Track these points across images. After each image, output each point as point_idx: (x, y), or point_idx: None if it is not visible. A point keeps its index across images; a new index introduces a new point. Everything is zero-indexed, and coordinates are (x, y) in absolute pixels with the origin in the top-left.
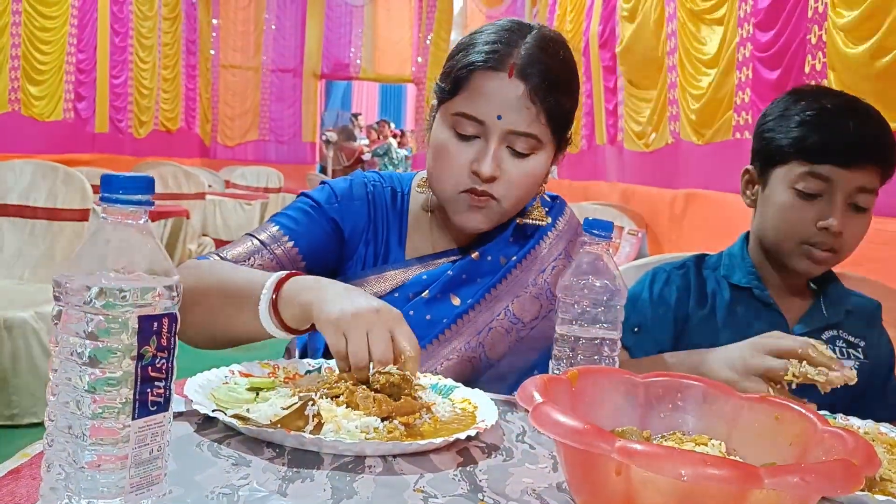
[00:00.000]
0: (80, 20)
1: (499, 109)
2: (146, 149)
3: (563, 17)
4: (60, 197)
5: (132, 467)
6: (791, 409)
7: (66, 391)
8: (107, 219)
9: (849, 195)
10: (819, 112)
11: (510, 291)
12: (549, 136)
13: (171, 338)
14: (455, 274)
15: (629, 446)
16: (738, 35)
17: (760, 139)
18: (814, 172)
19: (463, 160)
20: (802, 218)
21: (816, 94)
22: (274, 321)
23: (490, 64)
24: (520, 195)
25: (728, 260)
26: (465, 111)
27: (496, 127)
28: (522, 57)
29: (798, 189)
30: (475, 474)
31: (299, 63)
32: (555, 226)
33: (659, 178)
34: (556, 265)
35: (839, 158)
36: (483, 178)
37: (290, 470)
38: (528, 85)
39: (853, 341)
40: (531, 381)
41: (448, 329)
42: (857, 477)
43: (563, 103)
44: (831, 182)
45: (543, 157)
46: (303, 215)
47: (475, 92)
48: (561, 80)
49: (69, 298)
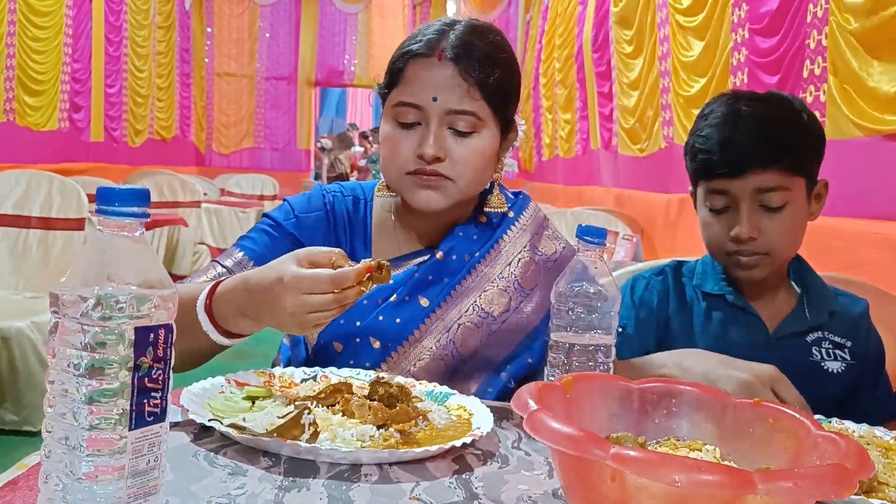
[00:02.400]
0: (74, 29)
1: (433, 91)
2: (141, 157)
3: (555, 23)
4: (55, 206)
5: (129, 478)
6: (785, 414)
7: (63, 402)
8: (103, 231)
9: (751, 199)
10: (704, 127)
11: (477, 286)
12: (489, 113)
13: (167, 349)
14: (421, 276)
15: (623, 453)
16: (731, 40)
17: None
18: (712, 189)
19: (407, 147)
20: (718, 232)
21: (714, 106)
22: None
23: (421, 51)
24: (471, 173)
25: (701, 268)
26: (403, 99)
27: (433, 109)
28: (451, 41)
29: (708, 206)
30: (471, 481)
31: (294, 71)
32: (518, 219)
33: (653, 183)
34: (522, 257)
35: (724, 170)
36: (427, 158)
37: (287, 479)
38: (459, 64)
39: (839, 342)
40: (526, 389)
41: (417, 329)
42: (851, 481)
43: (495, 78)
44: (729, 193)
45: (488, 136)
46: (264, 236)
47: (410, 80)
48: (491, 56)
49: (66, 310)
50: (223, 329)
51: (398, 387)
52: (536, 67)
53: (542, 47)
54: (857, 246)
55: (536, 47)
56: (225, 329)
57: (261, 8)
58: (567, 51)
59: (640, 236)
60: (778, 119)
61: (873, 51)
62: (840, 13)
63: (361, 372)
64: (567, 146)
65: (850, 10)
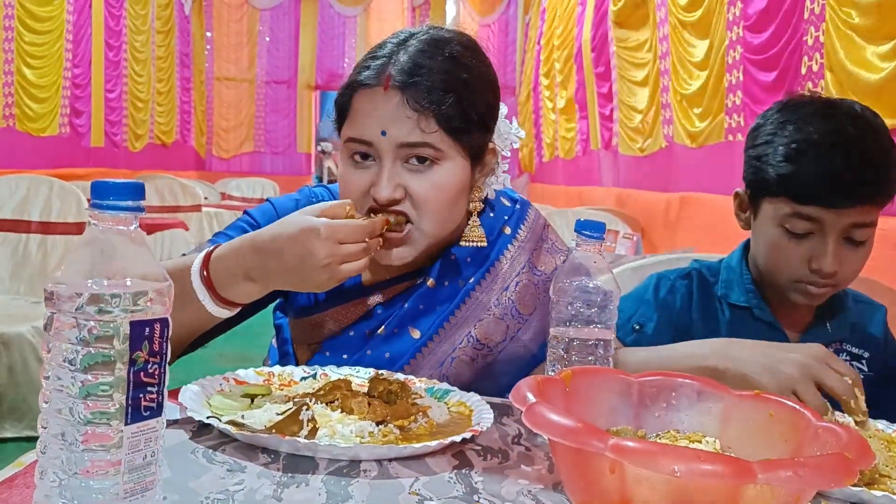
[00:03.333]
0: (74, 35)
1: (381, 125)
2: (142, 162)
3: (553, 24)
4: (55, 211)
5: (125, 473)
6: (785, 406)
7: (59, 398)
8: (97, 225)
9: (842, 232)
10: (805, 144)
11: (472, 316)
12: (450, 143)
13: (163, 343)
14: (411, 305)
15: (622, 444)
16: (727, 38)
17: (749, 164)
18: (801, 214)
19: (361, 187)
20: (793, 257)
21: (807, 115)
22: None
23: (366, 82)
24: (435, 213)
25: (726, 274)
26: (352, 135)
27: (384, 144)
28: (400, 65)
29: (786, 228)
30: (471, 476)
31: (293, 74)
32: (516, 236)
33: (653, 182)
34: (520, 280)
35: (827, 200)
36: (381, 202)
37: (286, 475)
38: (406, 93)
39: (857, 353)
40: (525, 382)
41: (407, 364)
42: (851, 470)
43: (451, 104)
44: (821, 222)
45: (451, 168)
46: (240, 234)
47: (357, 113)
48: (445, 79)
49: (61, 305)
50: (219, 296)
51: (398, 383)
52: (536, 68)
53: (541, 48)
54: None
55: (536, 48)
56: (221, 297)
57: (260, 12)
58: (566, 51)
59: (640, 235)
60: (883, 151)
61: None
62: (839, 9)
63: (361, 370)
64: (567, 147)
65: (848, 4)
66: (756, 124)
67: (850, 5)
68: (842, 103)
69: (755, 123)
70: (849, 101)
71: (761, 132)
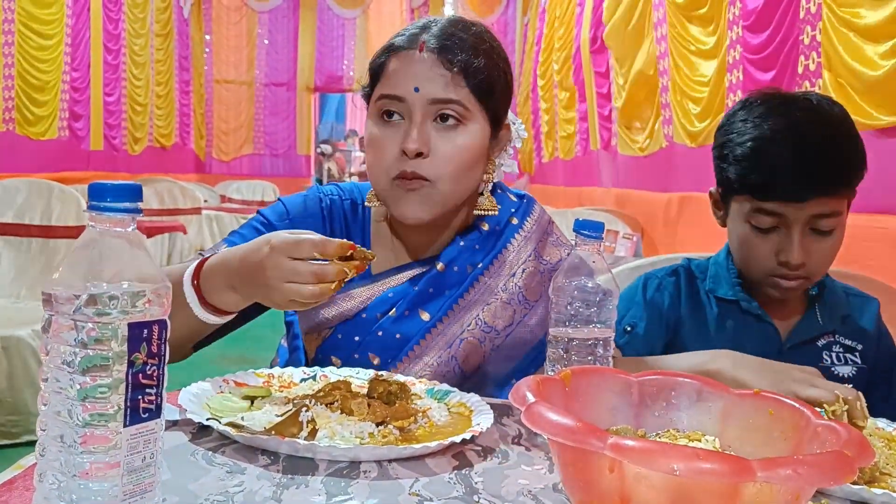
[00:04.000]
0: (73, 39)
1: (415, 81)
2: (141, 165)
3: (553, 25)
4: (55, 214)
5: (125, 475)
6: (785, 404)
7: (58, 400)
8: (95, 227)
9: (806, 224)
10: (759, 140)
11: (480, 300)
12: (475, 104)
13: (161, 344)
14: (421, 289)
15: (621, 443)
16: (727, 38)
17: (715, 163)
18: (762, 209)
19: (391, 144)
20: (761, 251)
21: (763, 112)
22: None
23: (402, 45)
24: (454, 173)
25: (714, 269)
26: (385, 92)
27: (416, 100)
28: (433, 33)
29: (752, 223)
30: (471, 477)
31: (292, 77)
32: (522, 227)
33: (653, 182)
34: (526, 267)
35: (785, 194)
36: (409, 153)
37: (285, 476)
38: (440, 54)
39: (850, 345)
40: (524, 382)
41: (417, 345)
42: (851, 468)
43: (479, 67)
44: (783, 216)
45: (475, 130)
46: (254, 233)
47: (392, 73)
48: (474, 46)
49: (59, 307)
50: (208, 304)
51: (397, 384)
52: (535, 69)
53: (540, 49)
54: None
55: (535, 49)
56: (210, 304)
57: (259, 15)
58: (565, 52)
59: (640, 235)
60: (843, 141)
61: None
62: (835, 8)
63: (361, 371)
64: (567, 147)
65: (845, 4)
66: (720, 123)
67: (847, 4)
68: (798, 97)
69: (720, 122)
70: (807, 94)
71: (722, 131)
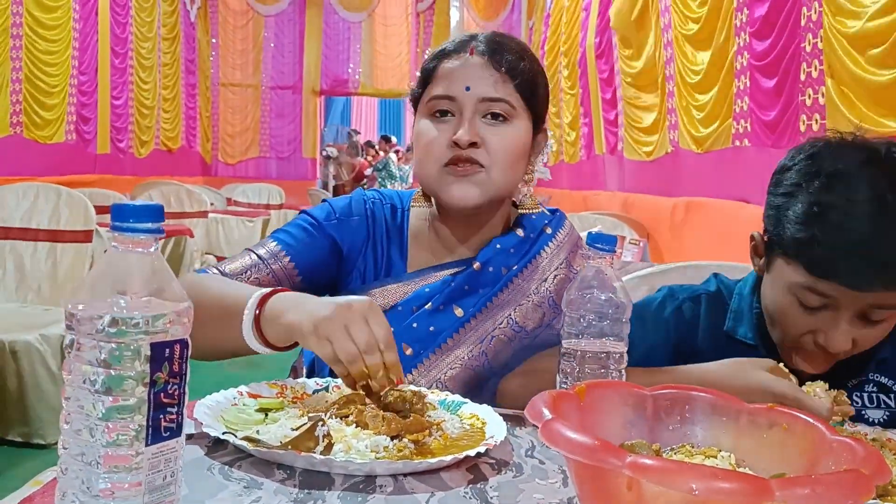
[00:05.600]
0: (80, 42)
1: (466, 81)
2: (147, 168)
3: (558, 29)
4: (63, 219)
5: (146, 494)
6: (799, 419)
7: (80, 419)
8: (117, 247)
9: (858, 312)
10: (829, 208)
11: (512, 300)
12: (521, 103)
13: (182, 364)
14: (457, 285)
15: (640, 461)
16: (735, 44)
17: (768, 210)
18: (814, 289)
19: (442, 137)
20: (800, 327)
21: (840, 170)
22: (257, 339)
23: (453, 49)
24: (504, 163)
25: (737, 303)
26: (437, 93)
27: (467, 98)
28: (481, 39)
29: (797, 296)
30: (486, 491)
31: (298, 80)
32: (555, 236)
33: (659, 187)
34: (558, 274)
35: (848, 279)
36: (462, 144)
37: (302, 491)
38: (490, 57)
39: (886, 384)
40: (540, 397)
41: (450, 338)
42: (868, 487)
43: (525, 68)
44: (836, 300)
45: (520, 127)
46: (302, 232)
47: (443, 75)
48: (519, 51)
49: (81, 327)
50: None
51: (412, 392)
52: None
53: (544, 53)
54: None
55: (539, 53)
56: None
57: (265, 18)
58: (571, 57)
59: (646, 240)
60: None
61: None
62: (833, 16)
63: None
64: (572, 151)
65: (844, 13)
66: (781, 165)
67: (846, 14)
68: (884, 157)
69: (780, 164)
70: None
71: (785, 178)
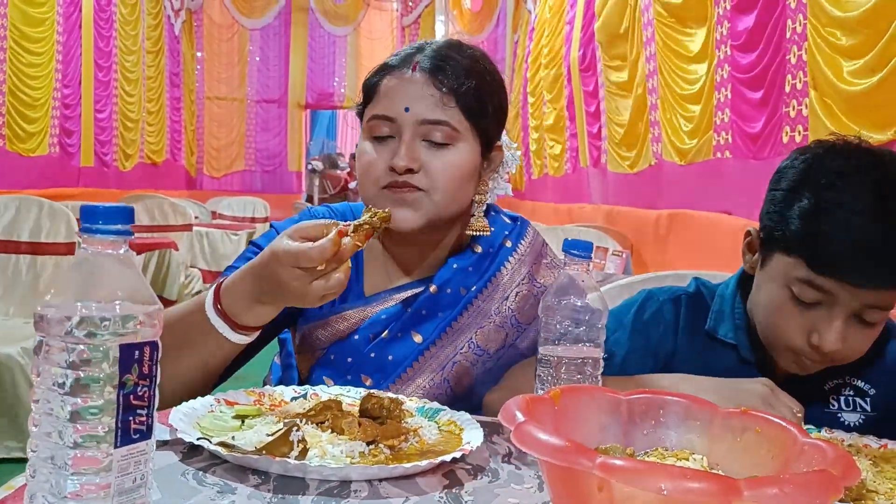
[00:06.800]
0: (64, 55)
1: (405, 102)
2: (132, 182)
3: (540, 43)
4: (45, 231)
5: (115, 496)
6: (772, 423)
7: (48, 421)
8: (87, 249)
9: (854, 311)
10: (835, 205)
11: (473, 323)
12: (466, 125)
13: (152, 366)
14: (414, 310)
15: (610, 462)
16: (716, 57)
17: (768, 208)
18: (813, 283)
19: (380, 160)
20: (794, 325)
21: (845, 169)
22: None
23: (396, 64)
24: (447, 187)
25: (718, 304)
26: (377, 112)
27: (406, 120)
28: (426, 53)
29: (793, 291)
30: (461, 496)
31: (284, 93)
32: (516, 249)
33: (643, 199)
34: (520, 291)
35: (848, 276)
36: (398, 170)
37: (276, 496)
38: (432, 75)
39: (862, 388)
40: (513, 402)
41: (410, 367)
42: (837, 487)
43: (470, 88)
44: (833, 296)
45: (465, 149)
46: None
47: (384, 93)
48: (467, 68)
49: (50, 329)
50: (237, 324)
51: (389, 399)
52: (524, 87)
53: (528, 67)
54: None
55: (524, 67)
56: (238, 324)
57: (250, 32)
58: (554, 70)
59: (629, 252)
60: None
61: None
62: (820, 28)
63: (352, 390)
64: (556, 165)
65: (829, 23)
66: (783, 165)
67: (831, 24)
68: (888, 162)
69: (782, 164)
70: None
71: (787, 175)
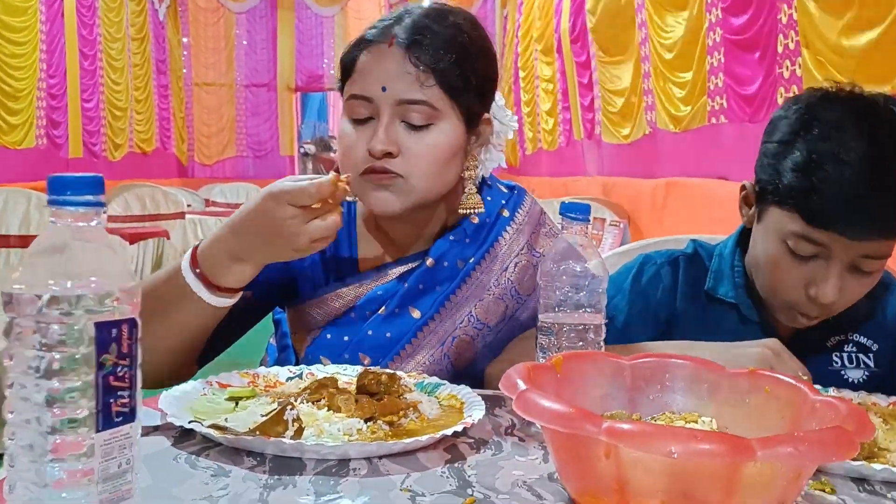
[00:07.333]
0: (48, 45)
1: (382, 81)
2: (122, 172)
3: (531, 16)
4: (34, 223)
5: (100, 482)
6: (781, 382)
7: (25, 407)
8: (55, 222)
9: (850, 262)
10: (828, 157)
11: (472, 295)
12: (447, 103)
13: (132, 345)
14: (411, 285)
15: (617, 426)
16: (706, 20)
17: (762, 160)
18: (808, 237)
19: (359, 142)
20: (790, 278)
21: (837, 120)
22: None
23: (371, 39)
24: (427, 170)
25: (717, 264)
26: (354, 92)
27: (383, 100)
28: (404, 26)
29: (789, 245)
30: (464, 470)
31: (273, 77)
32: (513, 219)
33: (639, 169)
34: (519, 261)
35: (843, 227)
36: (376, 154)
37: (272, 477)
38: (409, 50)
39: (865, 344)
40: (515, 370)
41: (409, 344)
42: (852, 444)
43: (451, 64)
44: (829, 248)
45: (447, 128)
46: None
47: (361, 71)
48: (447, 39)
49: (20, 309)
50: (214, 285)
51: (387, 375)
52: (515, 61)
53: (519, 41)
54: None
55: (515, 41)
56: (217, 286)
57: (236, 15)
58: (545, 43)
59: (627, 222)
60: None
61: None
62: None
63: (349, 368)
64: (550, 138)
65: None
66: (776, 115)
67: None
68: (882, 109)
69: (775, 114)
70: (890, 101)
71: (781, 126)
